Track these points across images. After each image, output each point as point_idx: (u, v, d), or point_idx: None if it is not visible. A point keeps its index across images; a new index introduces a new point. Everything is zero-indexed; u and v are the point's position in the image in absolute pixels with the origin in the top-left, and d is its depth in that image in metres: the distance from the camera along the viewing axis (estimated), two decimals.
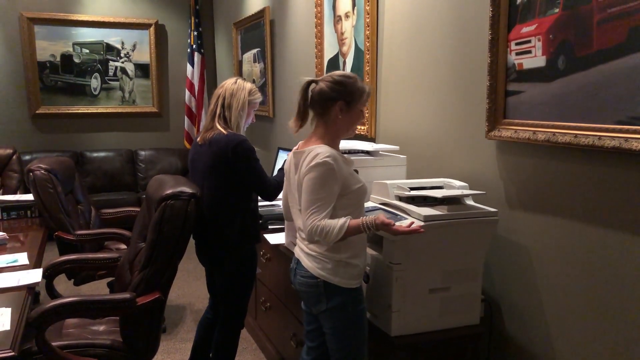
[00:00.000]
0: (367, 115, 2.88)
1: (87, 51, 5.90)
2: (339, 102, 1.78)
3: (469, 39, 2.12)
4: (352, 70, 3.04)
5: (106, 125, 6.09)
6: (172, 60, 6.27)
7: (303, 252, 1.86)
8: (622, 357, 1.59)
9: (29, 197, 3.28)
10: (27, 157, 5.28)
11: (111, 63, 6.01)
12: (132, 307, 1.99)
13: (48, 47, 5.74)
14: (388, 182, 2.05)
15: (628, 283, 1.55)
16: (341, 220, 1.69)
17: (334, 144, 1.82)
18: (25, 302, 1.91)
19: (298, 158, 1.81)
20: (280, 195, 2.47)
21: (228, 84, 2.36)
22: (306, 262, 1.83)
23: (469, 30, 2.12)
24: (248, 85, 2.37)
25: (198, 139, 2.37)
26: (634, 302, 1.54)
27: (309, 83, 1.82)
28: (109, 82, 6.04)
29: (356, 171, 1.92)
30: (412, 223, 1.73)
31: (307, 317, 1.99)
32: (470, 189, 2.04)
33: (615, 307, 1.60)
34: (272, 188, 2.34)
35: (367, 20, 2.79)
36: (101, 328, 2.28)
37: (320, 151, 1.73)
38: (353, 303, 1.81)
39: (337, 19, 3.19)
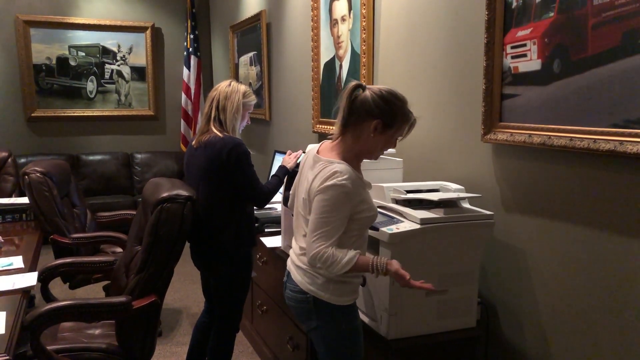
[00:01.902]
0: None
1: (83, 54, 5.90)
2: (376, 121, 1.62)
3: (465, 42, 2.13)
4: (348, 73, 3.05)
5: (102, 129, 6.08)
6: (168, 63, 6.27)
7: (294, 265, 1.78)
8: (619, 359, 1.59)
9: (25, 200, 3.27)
10: (23, 160, 5.26)
11: (107, 66, 6.01)
12: (127, 310, 1.98)
13: (44, 50, 5.73)
14: (384, 185, 2.05)
15: (624, 285, 1.56)
16: (349, 254, 1.57)
17: (355, 162, 1.70)
18: (20, 306, 1.90)
19: (316, 162, 1.69)
20: (274, 199, 2.47)
21: (222, 86, 2.35)
22: (296, 276, 1.75)
23: (465, 34, 2.12)
24: (242, 87, 2.37)
25: (193, 142, 2.37)
26: (631, 304, 1.54)
27: (355, 87, 1.65)
28: (105, 85, 6.03)
29: None
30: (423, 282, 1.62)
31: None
32: (467, 192, 2.04)
33: (611, 309, 1.60)
34: (263, 195, 2.32)
35: (364, 23, 2.79)
36: (97, 332, 2.27)
37: (339, 170, 1.59)
38: (346, 321, 1.72)
39: (333, 23, 3.20)
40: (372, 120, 1.62)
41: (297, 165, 2.42)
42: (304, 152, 2.44)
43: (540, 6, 1.74)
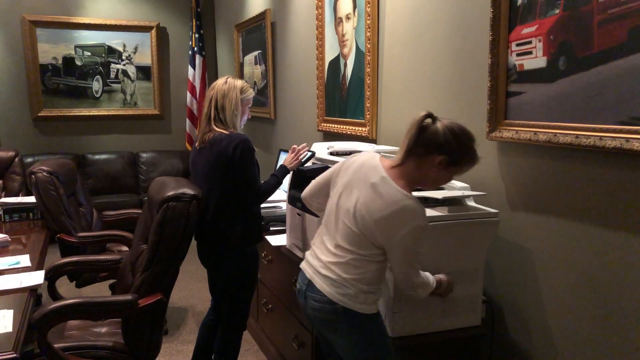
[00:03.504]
0: (368, 116, 2.88)
1: (89, 54, 5.92)
2: (443, 157, 1.57)
3: (470, 40, 2.12)
4: (353, 71, 3.05)
5: (108, 128, 6.11)
6: (173, 62, 6.28)
7: (318, 274, 1.70)
8: (624, 359, 1.58)
9: (31, 199, 3.29)
10: (30, 160, 5.29)
11: (113, 65, 6.03)
12: (134, 308, 1.99)
13: (50, 50, 5.76)
14: None
15: (630, 284, 1.55)
16: (430, 279, 1.72)
17: (413, 189, 1.66)
18: (27, 304, 1.91)
19: (385, 185, 1.61)
20: (278, 197, 2.47)
21: (219, 84, 2.34)
22: (323, 286, 1.67)
23: (470, 32, 2.12)
24: (239, 82, 2.36)
25: (196, 144, 2.37)
26: (637, 304, 1.53)
27: (425, 117, 1.59)
28: (111, 84, 6.05)
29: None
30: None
31: (325, 344, 1.87)
32: (472, 190, 2.04)
33: (617, 308, 1.59)
34: (258, 194, 2.31)
35: (368, 21, 2.79)
36: (103, 330, 2.28)
37: (415, 209, 1.58)
38: (376, 327, 1.70)
39: (338, 21, 3.20)
40: (438, 155, 1.57)
41: (302, 164, 2.41)
42: (309, 151, 2.45)
43: (545, 3, 1.73)
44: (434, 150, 1.58)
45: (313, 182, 1.94)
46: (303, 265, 1.82)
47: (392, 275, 1.71)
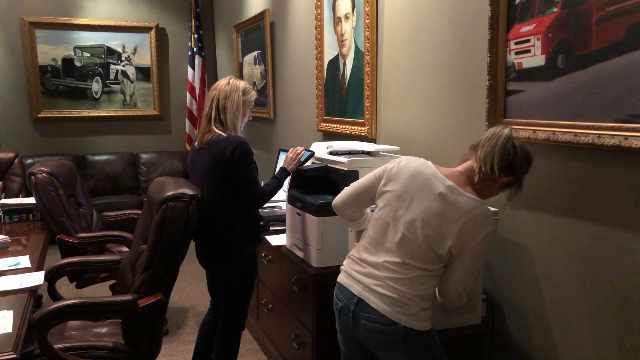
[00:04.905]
0: (367, 116, 2.88)
1: (88, 55, 5.92)
2: (512, 178, 1.57)
3: (469, 38, 2.12)
4: (352, 71, 3.05)
5: (108, 129, 6.11)
6: (173, 63, 6.29)
7: (373, 292, 1.59)
8: (624, 358, 1.58)
9: (31, 200, 3.29)
10: (29, 161, 5.28)
11: (112, 66, 6.03)
12: (134, 309, 1.99)
13: (49, 51, 5.76)
14: None
15: (630, 282, 1.55)
16: None
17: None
18: (27, 305, 1.91)
19: (454, 195, 1.56)
20: (279, 197, 2.46)
21: (221, 85, 2.33)
22: (381, 305, 1.57)
23: (468, 30, 2.12)
24: (242, 84, 2.35)
25: (195, 143, 2.37)
26: (637, 303, 1.53)
27: (511, 133, 1.57)
28: (110, 85, 6.05)
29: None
30: None
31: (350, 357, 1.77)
32: None
33: (617, 307, 1.59)
34: (259, 197, 2.31)
35: (367, 21, 2.79)
36: (103, 330, 2.28)
37: (489, 214, 1.56)
38: (434, 343, 1.64)
39: (336, 21, 3.20)
40: (508, 176, 1.57)
41: (301, 163, 2.42)
42: (307, 150, 2.45)
43: (543, 1, 1.73)
44: (507, 171, 1.57)
45: (347, 190, 1.80)
46: (344, 280, 1.70)
47: (444, 285, 1.63)
